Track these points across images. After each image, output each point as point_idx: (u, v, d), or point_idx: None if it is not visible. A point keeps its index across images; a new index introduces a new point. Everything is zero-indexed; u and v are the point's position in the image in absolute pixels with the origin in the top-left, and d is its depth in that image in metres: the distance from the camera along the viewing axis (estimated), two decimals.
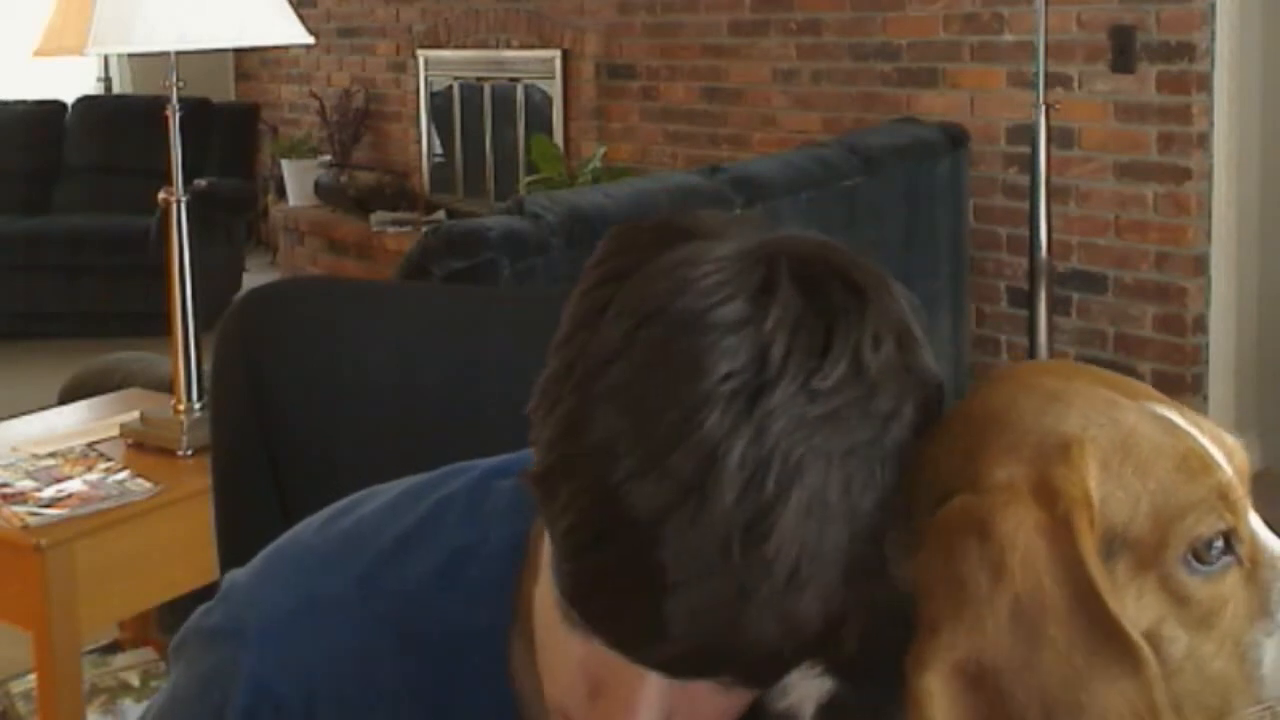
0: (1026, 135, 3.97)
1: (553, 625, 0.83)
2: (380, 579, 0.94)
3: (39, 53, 2.70)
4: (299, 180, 7.25)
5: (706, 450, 0.73)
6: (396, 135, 7.30)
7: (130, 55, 6.87)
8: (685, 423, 0.73)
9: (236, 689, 0.91)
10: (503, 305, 1.45)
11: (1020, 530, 0.74)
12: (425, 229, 3.35)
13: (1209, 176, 4.14)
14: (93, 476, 2.53)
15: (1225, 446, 0.80)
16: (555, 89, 6.28)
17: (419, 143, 7.13)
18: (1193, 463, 0.78)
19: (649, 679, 0.79)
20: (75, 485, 2.49)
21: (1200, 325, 4.19)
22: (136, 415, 2.75)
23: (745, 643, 0.75)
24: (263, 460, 1.23)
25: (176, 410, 2.71)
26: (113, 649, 3.03)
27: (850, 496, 0.75)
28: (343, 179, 6.99)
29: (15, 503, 2.42)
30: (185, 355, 2.71)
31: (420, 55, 7.03)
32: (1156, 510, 0.76)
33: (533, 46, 6.40)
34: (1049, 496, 0.75)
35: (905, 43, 4.86)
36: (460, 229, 3.02)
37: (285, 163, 7.35)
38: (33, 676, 2.63)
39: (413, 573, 0.94)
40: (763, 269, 0.77)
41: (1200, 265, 4.17)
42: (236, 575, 0.97)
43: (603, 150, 5.72)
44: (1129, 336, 4.31)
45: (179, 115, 2.73)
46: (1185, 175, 4.14)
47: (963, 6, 4.67)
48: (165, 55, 2.69)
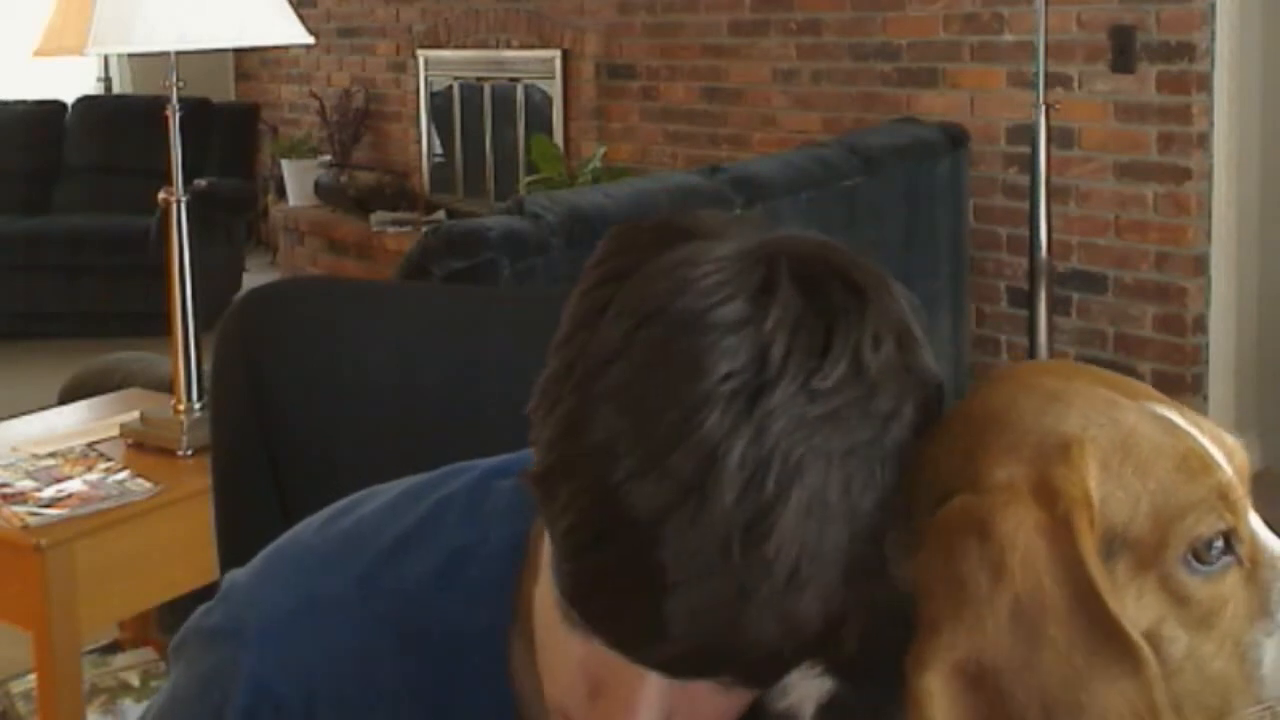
0: (1026, 135, 3.97)
1: (553, 625, 0.83)
2: (380, 579, 0.94)
3: (39, 53, 2.70)
4: (299, 180, 7.25)
5: (706, 450, 0.73)
6: (396, 135, 7.30)
7: (130, 55, 6.87)
8: (685, 423, 0.73)
9: (236, 689, 0.91)
10: (503, 305, 1.45)
11: (1020, 530, 0.74)
12: (425, 229, 3.35)
13: (1209, 176, 4.14)
14: (93, 476, 2.53)
15: (1225, 446, 0.80)
16: (555, 89, 6.27)
17: (419, 143, 7.13)
18: (1193, 463, 0.78)
19: (649, 679, 0.79)
20: (75, 485, 2.49)
21: (1200, 325, 4.18)
22: (136, 415, 2.75)
23: (745, 643, 0.75)
24: (263, 460, 1.23)
25: (176, 410, 2.71)
26: (113, 649, 3.03)
27: (850, 496, 0.75)
28: (343, 179, 6.98)
29: (15, 503, 2.42)
30: (185, 355, 2.71)
31: (420, 55, 7.03)
32: (1156, 510, 0.76)
33: (533, 46, 6.40)
34: (1049, 496, 0.75)
35: (905, 43, 4.86)
36: (460, 229, 3.02)
37: (285, 163, 7.35)
38: (33, 676, 2.63)
39: (412, 572, 0.94)
40: (763, 269, 0.77)
41: (1200, 265, 4.16)
42: (236, 575, 0.97)
43: (603, 150, 5.71)
44: (1129, 336, 4.31)
45: (179, 115, 2.73)
46: (1185, 175, 4.14)
47: (963, 6, 4.67)
48: (165, 55, 2.69)
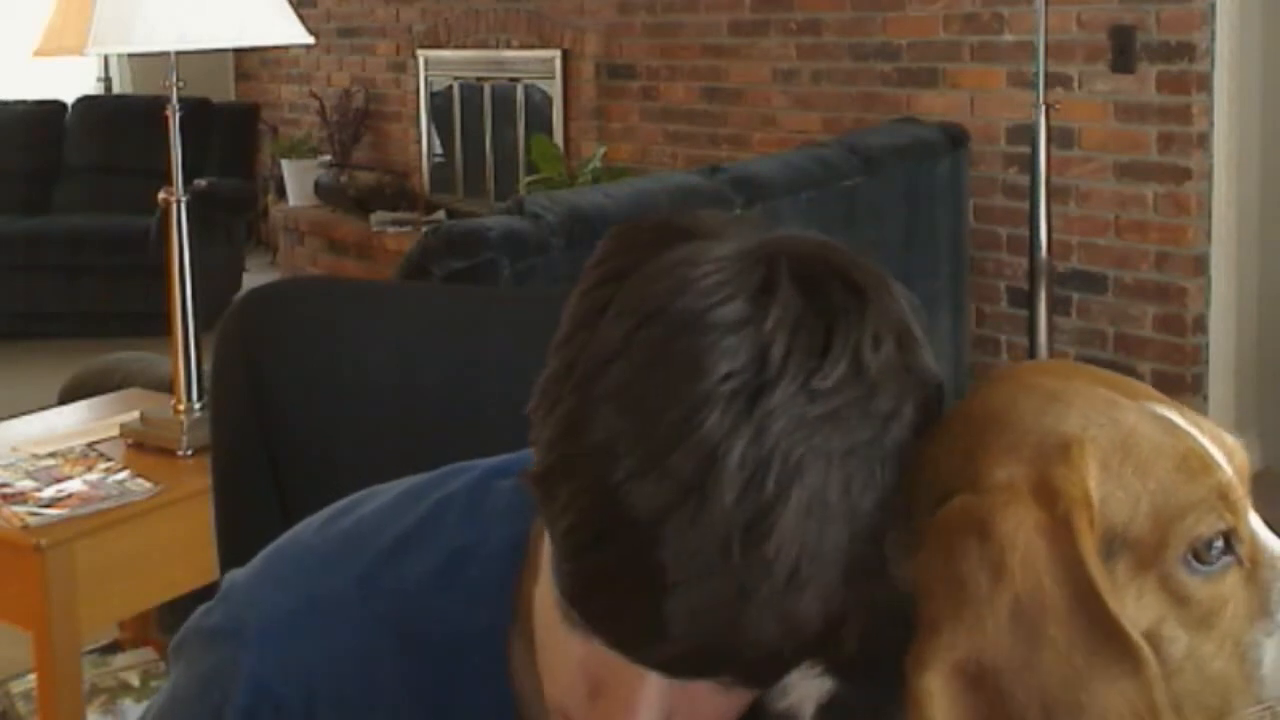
0: (1026, 135, 3.97)
1: (553, 625, 0.83)
2: (379, 579, 0.94)
3: (39, 53, 2.70)
4: (299, 180, 7.25)
5: (706, 450, 0.73)
6: (396, 135, 7.30)
7: (130, 55, 6.87)
8: (685, 423, 0.73)
9: (236, 689, 0.91)
10: (503, 305, 1.45)
11: (1020, 530, 0.74)
12: (425, 229, 3.35)
13: (1209, 176, 4.14)
14: (93, 476, 2.53)
15: (1225, 446, 0.80)
16: (555, 89, 6.27)
17: (419, 143, 7.13)
18: (1193, 462, 0.77)
19: (649, 679, 0.79)
20: (75, 485, 2.49)
21: (1200, 325, 4.18)
22: (136, 415, 2.75)
23: (745, 643, 0.75)
24: (263, 460, 1.23)
25: (176, 410, 2.71)
26: (113, 649, 3.03)
27: (850, 496, 0.75)
28: (343, 179, 6.98)
29: (15, 503, 2.42)
30: (185, 355, 2.71)
31: (420, 55, 7.03)
32: (1156, 510, 0.76)
33: (533, 46, 6.40)
34: (1049, 496, 0.75)
35: (905, 43, 4.86)
36: (460, 229, 3.02)
37: (285, 163, 7.35)
38: (33, 676, 2.63)
39: (412, 573, 0.94)
40: (763, 269, 0.77)
41: (1200, 265, 4.16)
42: (236, 575, 0.97)
43: (603, 150, 5.71)
44: (1129, 336, 4.30)
45: (179, 115, 2.73)
46: (1185, 175, 4.14)
47: (963, 6, 4.67)
48: (165, 55, 2.69)
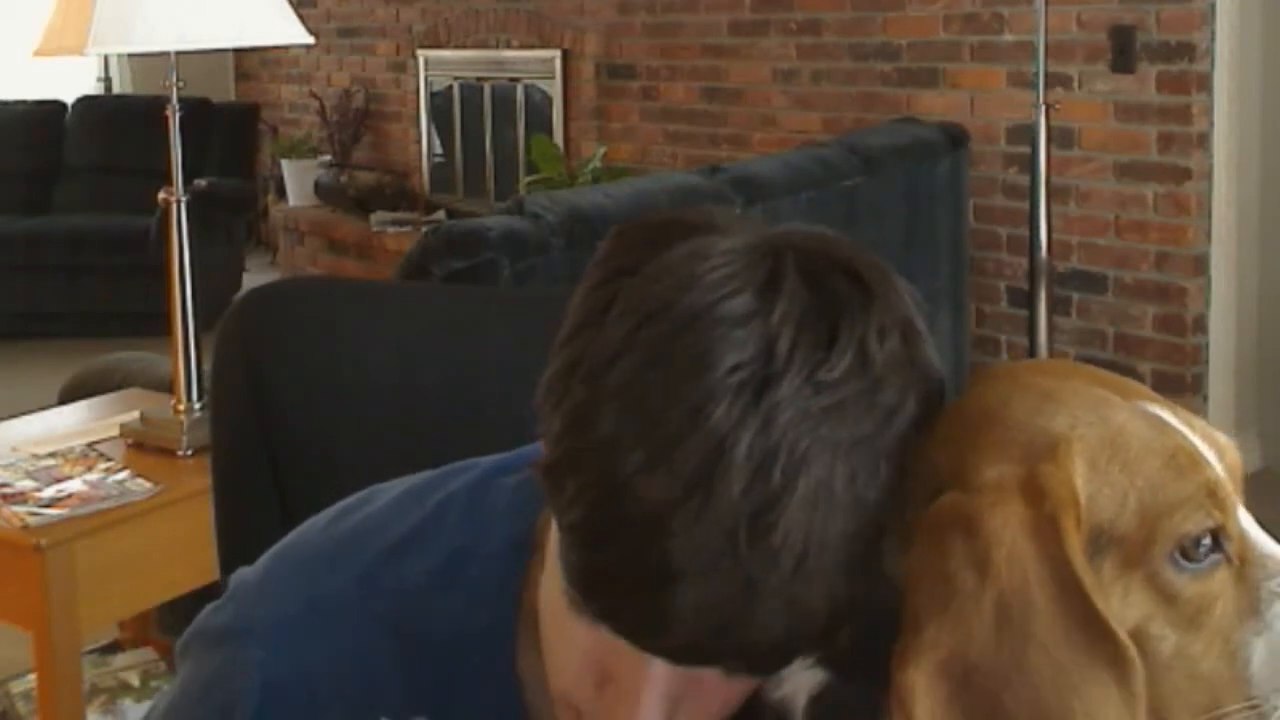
0: (1026, 135, 3.97)
1: (560, 613, 0.83)
2: (380, 579, 0.94)
3: (39, 53, 2.70)
4: (299, 180, 7.25)
5: (714, 442, 0.73)
6: (396, 135, 7.30)
7: (130, 55, 6.87)
8: (693, 416, 0.74)
9: (244, 688, 0.91)
10: (503, 305, 1.45)
11: (1006, 528, 0.74)
12: (425, 229, 3.35)
13: (1209, 176, 4.14)
14: (93, 476, 2.53)
15: (1217, 445, 0.81)
16: (555, 89, 6.27)
17: (419, 143, 7.13)
18: (1181, 460, 0.78)
19: (656, 666, 0.80)
20: (75, 485, 2.49)
21: (1200, 325, 4.18)
22: (136, 415, 2.75)
23: (752, 632, 0.75)
24: (263, 460, 1.23)
25: (176, 410, 2.71)
26: (113, 649, 3.03)
27: (855, 487, 0.75)
28: (343, 179, 6.98)
29: (15, 503, 2.42)
30: (185, 355, 2.71)
31: (420, 55, 7.03)
32: (1144, 506, 0.76)
33: (533, 46, 6.40)
34: (1036, 495, 0.75)
35: (905, 43, 4.86)
36: (460, 229, 3.02)
37: (285, 163, 7.35)
38: (33, 676, 2.63)
39: (412, 572, 0.94)
40: (768, 263, 0.78)
41: (1200, 265, 4.16)
42: (245, 574, 0.97)
43: (603, 150, 5.71)
44: (1129, 336, 4.30)
45: (179, 115, 2.73)
46: (1185, 175, 4.14)
47: (963, 6, 4.67)
48: (165, 55, 2.69)
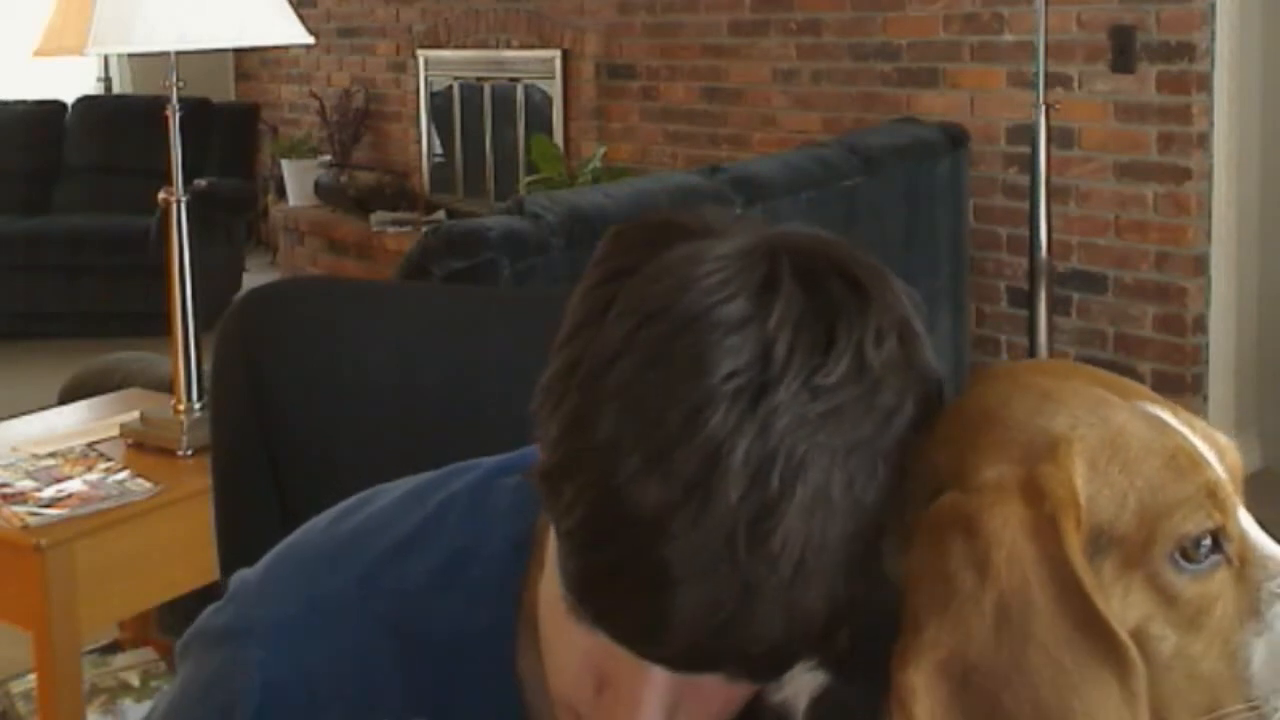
0: (1026, 135, 3.97)
1: (558, 618, 0.83)
2: (380, 579, 0.94)
3: (39, 53, 2.70)
4: (299, 180, 7.25)
5: (711, 448, 0.73)
6: (396, 135, 7.29)
7: (130, 55, 6.87)
8: (689, 421, 0.73)
9: (244, 688, 0.91)
10: (503, 305, 1.45)
11: (1006, 528, 0.74)
12: (425, 229, 3.35)
13: (1209, 176, 4.14)
14: (93, 476, 2.53)
15: (1217, 446, 0.80)
16: (555, 89, 6.27)
17: (419, 143, 7.13)
18: (1181, 460, 0.78)
19: (655, 672, 0.80)
20: (75, 485, 2.49)
21: (1200, 325, 4.18)
22: (136, 415, 2.75)
23: (751, 638, 0.75)
24: (263, 460, 1.23)
25: (176, 410, 2.71)
26: (113, 649, 3.03)
27: (853, 492, 0.75)
28: (343, 179, 6.98)
29: (15, 503, 2.42)
30: (185, 355, 2.71)
31: (420, 55, 7.03)
32: (1144, 507, 0.76)
33: (533, 46, 6.39)
34: (1036, 495, 0.75)
35: (905, 43, 4.86)
36: (460, 229, 3.02)
37: (285, 163, 7.35)
38: (33, 676, 2.63)
39: (413, 573, 0.94)
40: (765, 266, 0.77)
41: (1200, 265, 4.16)
42: (246, 574, 0.97)
43: (603, 150, 5.71)
44: (1129, 336, 4.30)
45: (179, 115, 2.73)
46: (1185, 175, 4.14)
47: (963, 6, 4.67)
48: (165, 55, 2.69)
